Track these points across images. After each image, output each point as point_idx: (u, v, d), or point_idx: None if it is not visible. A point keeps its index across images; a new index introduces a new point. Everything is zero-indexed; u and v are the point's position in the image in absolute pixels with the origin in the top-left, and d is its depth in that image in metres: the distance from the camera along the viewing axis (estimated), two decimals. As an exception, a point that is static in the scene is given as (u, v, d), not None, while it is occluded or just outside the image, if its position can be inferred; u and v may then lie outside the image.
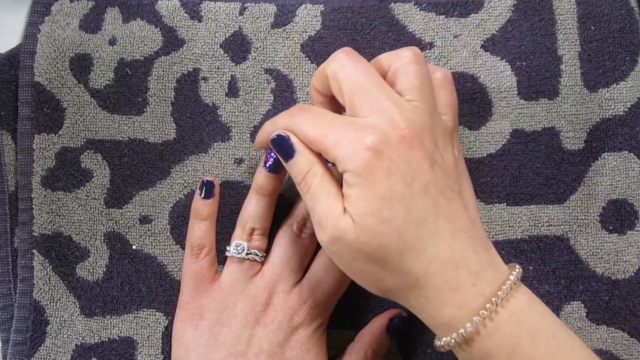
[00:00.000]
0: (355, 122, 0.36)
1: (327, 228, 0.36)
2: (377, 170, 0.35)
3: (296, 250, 0.43)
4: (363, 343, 0.43)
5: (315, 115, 0.38)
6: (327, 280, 0.43)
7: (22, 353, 0.44)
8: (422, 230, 0.35)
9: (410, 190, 0.35)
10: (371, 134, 0.35)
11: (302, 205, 0.44)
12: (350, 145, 0.35)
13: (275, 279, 0.43)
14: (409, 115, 0.35)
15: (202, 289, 0.43)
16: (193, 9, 0.46)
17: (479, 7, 0.46)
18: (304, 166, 0.38)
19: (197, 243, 0.44)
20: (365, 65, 0.37)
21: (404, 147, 0.35)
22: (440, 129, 0.37)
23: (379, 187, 0.35)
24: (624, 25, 0.45)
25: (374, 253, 0.35)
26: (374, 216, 0.35)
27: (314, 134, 0.37)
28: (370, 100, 0.36)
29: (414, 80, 0.37)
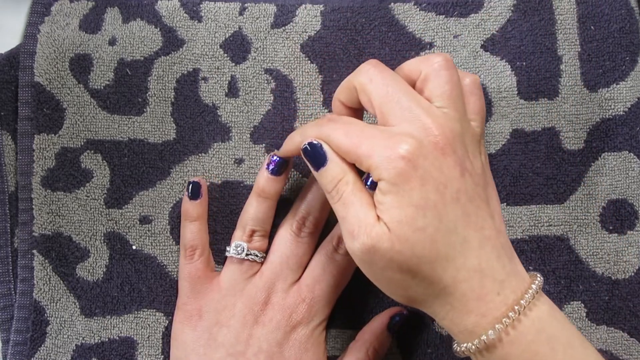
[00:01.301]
0: (387, 131, 0.36)
1: (360, 236, 0.36)
2: (411, 179, 0.35)
3: (295, 249, 0.43)
4: (364, 341, 0.43)
5: (346, 125, 0.38)
6: (326, 278, 0.43)
7: (22, 353, 0.44)
8: (452, 239, 0.35)
9: (443, 199, 0.35)
10: (405, 143, 0.35)
11: (301, 205, 0.44)
12: (384, 153, 0.35)
13: (273, 278, 0.43)
14: (440, 122, 0.36)
15: (199, 290, 0.43)
16: (193, 9, 0.46)
17: (479, 7, 0.46)
18: (335, 174, 0.38)
19: (189, 244, 0.44)
20: (393, 75, 0.37)
21: (437, 154, 0.35)
22: (469, 135, 0.37)
23: (414, 195, 0.35)
24: (624, 25, 0.45)
25: (407, 262, 0.35)
26: (408, 225, 0.35)
27: (347, 144, 0.37)
28: (401, 108, 0.36)
29: (444, 87, 0.37)
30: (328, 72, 0.46)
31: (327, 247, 0.43)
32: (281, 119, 0.46)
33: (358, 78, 0.38)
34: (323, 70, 0.46)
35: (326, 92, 0.46)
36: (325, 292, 0.43)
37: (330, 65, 0.46)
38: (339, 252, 0.43)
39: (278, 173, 0.43)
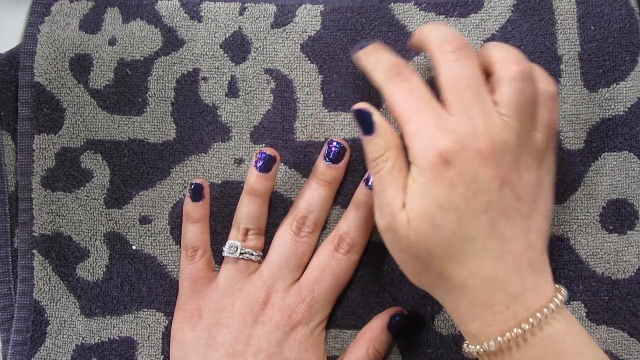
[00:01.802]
0: (440, 118, 0.36)
1: (385, 216, 0.37)
2: (441, 178, 0.35)
3: (295, 249, 0.43)
4: (365, 341, 0.43)
5: (410, 91, 0.37)
6: (325, 278, 0.43)
7: (22, 353, 0.44)
8: (469, 246, 0.35)
9: (468, 206, 0.35)
10: (448, 139, 0.35)
11: (301, 204, 0.44)
12: (425, 141, 0.35)
13: (273, 278, 0.43)
14: (493, 131, 0.35)
15: (199, 290, 0.43)
16: (193, 9, 0.46)
17: (479, 7, 0.46)
18: (378, 148, 0.38)
19: (191, 245, 0.44)
20: (472, 63, 0.37)
21: (477, 161, 0.35)
22: (528, 148, 0.37)
23: (439, 194, 0.35)
24: (624, 25, 0.45)
25: (420, 253, 0.36)
26: (426, 219, 0.35)
27: (399, 112, 0.37)
28: (463, 102, 0.36)
29: (514, 99, 0.36)
30: (328, 72, 0.46)
31: (327, 247, 0.43)
32: (281, 119, 0.46)
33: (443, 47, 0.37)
34: (323, 70, 0.46)
35: (326, 92, 0.46)
36: (326, 292, 0.43)
37: (330, 65, 0.46)
38: (340, 252, 0.43)
39: (266, 170, 0.43)
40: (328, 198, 0.44)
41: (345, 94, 0.46)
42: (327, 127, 0.46)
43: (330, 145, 0.44)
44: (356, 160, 0.45)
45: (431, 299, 0.44)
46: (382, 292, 0.44)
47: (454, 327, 0.44)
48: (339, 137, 0.45)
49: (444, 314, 0.44)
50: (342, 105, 0.46)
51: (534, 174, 0.37)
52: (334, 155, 0.44)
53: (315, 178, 0.44)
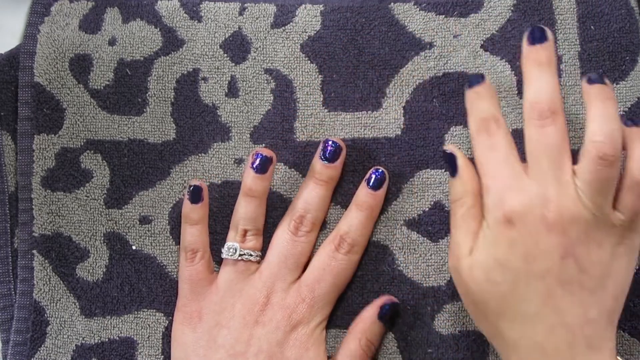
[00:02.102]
0: (515, 179, 0.37)
1: (453, 258, 0.40)
2: (502, 237, 0.37)
3: (293, 249, 0.43)
4: (356, 332, 0.43)
5: (493, 147, 0.39)
6: (326, 278, 0.43)
7: (22, 353, 0.44)
8: (522, 308, 0.36)
9: (526, 269, 0.36)
10: (516, 201, 0.36)
11: (299, 204, 0.44)
12: (497, 198, 0.37)
13: (272, 279, 0.43)
14: (564, 202, 0.36)
15: (199, 292, 0.43)
16: (193, 9, 0.46)
17: (479, 7, 0.46)
18: (457, 191, 0.40)
19: (190, 248, 0.44)
20: (557, 130, 0.37)
21: (541, 227, 0.36)
22: (602, 225, 0.37)
23: (499, 252, 0.37)
24: (624, 25, 0.45)
25: (477, 302, 0.38)
26: (485, 273, 0.37)
27: (480, 164, 0.39)
28: (540, 168, 0.37)
29: (589, 178, 0.36)
30: (328, 72, 0.46)
31: (328, 247, 0.43)
32: (281, 119, 0.46)
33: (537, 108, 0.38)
34: (323, 70, 0.46)
35: (326, 92, 0.46)
36: (326, 291, 0.43)
37: (330, 65, 0.46)
38: (341, 252, 0.43)
39: (262, 171, 0.43)
40: (325, 197, 0.44)
41: (345, 94, 0.46)
42: (327, 127, 0.46)
43: (326, 144, 0.44)
44: (356, 160, 0.45)
45: (431, 299, 0.44)
46: (382, 292, 0.44)
47: (454, 327, 0.44)
48: (338, 136, 0.45)
49: (444, 313, 0.44)
50: (342, 105, 0.46)
51: (606, 252, 0.37)
52: (330, 154, 0.44)
53: (312, 178, 0.44)
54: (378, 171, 0.44)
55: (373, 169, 0.44)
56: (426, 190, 0.45)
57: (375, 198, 0.44)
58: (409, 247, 0.44)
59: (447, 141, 0.45)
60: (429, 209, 0.45)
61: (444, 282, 0.44)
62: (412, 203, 0.45)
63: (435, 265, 0.44)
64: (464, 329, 0.44)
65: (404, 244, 0.44)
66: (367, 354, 0.43)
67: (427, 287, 0.44)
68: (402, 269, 0.44)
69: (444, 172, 0.45)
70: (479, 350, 0.43)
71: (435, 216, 0.44)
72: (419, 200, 0.45)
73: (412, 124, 0.45)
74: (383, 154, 0.45)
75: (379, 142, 0.45)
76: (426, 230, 0.44)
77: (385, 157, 0.45)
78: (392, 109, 0.45)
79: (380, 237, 0.45)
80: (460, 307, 0.44)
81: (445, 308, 0.44)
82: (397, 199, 0.45)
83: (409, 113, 0.45)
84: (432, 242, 0.44)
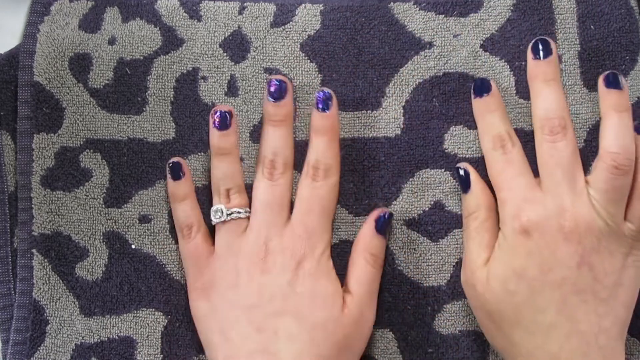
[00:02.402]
0: (531, 192, 0.39)
1: (466, 271, 0.41)
2: (520, 246, 0.38)
3: (273, 193, 0.43)
4: (359, 251, 0.43)
5: (509, 162, 0.41)
6: (313, 208, 0.43)
7: (22, 353, 0.44)
8: (538, 317, 0.37)
9: (543, 278, 0.37)
10: (533, 212, 0.38)
11: (266, 148, 0.44)
12: (513, 210, 0.39)
13: (263, 227, 0.43)
14: (579, 210, 0.37)
15: (203, 265, 0.43)
16: (192, 9, 0.46)
17: (479, 7, 0.46)
18: (470, 205, 0.42)
19: (185, 224, 0.44)
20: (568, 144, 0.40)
21: (558, 237, 0.37)
22: (614, 233, 0.38)
23: (515, 261, 0.38)
24: (624, 24, 0.45)
25: (492, 313, 0.39)
26: (501, 283, 0.38)
27: (496, 179, 0.41)
28: (553, 180, 0.39)
29: (603, 187, 0.38)
30: (327, 72, 0.46)
31: (305, 181, 0.44)
32: (281, 119, 0.46)
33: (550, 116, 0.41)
34: (322, 69, 0.46)
35: (326, 91, 0.46)
36: (318, 220, 0.43)
37: (330, 65, 0.46)
38: (318, 180, 0.43)
39: (225, 126, 0.43)
40: (287, 136, 0.44)
41: (344, 93, 0.46)
42: (327, 127, 0.46)
43: (270, 84, 0.44)
44: (356, 160, 0.45)
45: (431, 299, 0.44)
46: (382, 292, 0.44)
47: (454, 326, 0.44)
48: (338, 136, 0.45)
49: (444, 313, 0.44)
50: (342, 105, 0.46)
51: (618, 261, 0.38)
52: (277, 92, 0.44)
53: (269, 121, 0.44)
54: (322, 92, 0.44)
55: (317, 92, 0.44)
56: (426, 190, 0.45)
57: (329, 118, 0.44)
58: (409, 246, 0.44)
59: (447, 141, 0.45)
60: (429, 209, 0.45)
61: (444, 281, 0.44)
62: (412, 203, 0.45)
63: (436, 265, 0.44)
64: (465, 329, 0.44)
65: (404, 243, 0.44)
66: (375, 268, 0.43)
67: (427, 286, 0.44)
68: (402, 268, 0.44)
69: (443, 172, 0.45)
70: (479, 350, 0.43)
71: (435, 216, 0.44)
72: (418, 200, 0.45)
73: (412, 123, 0.45)
74: (383, 153, 0.45)
75: (378, 142, 0.45)
76: (426, 230, 0.44)
77: (385, 156, 0.45)
78: (391, 109, 0.45)
79: (379, 237, 0.45)
80: (460, 307, 0.44)
81: (445, 308, 0.44)
82: (397, 198, 0.45)
83: (408, 113, 0.45)
84: (432, 242, 0.44)
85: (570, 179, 0.39)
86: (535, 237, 0.37)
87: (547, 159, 0.40)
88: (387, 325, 0.44)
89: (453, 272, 0.44)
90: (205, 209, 0.45)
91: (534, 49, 0.43)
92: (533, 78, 0.43)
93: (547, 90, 0.42)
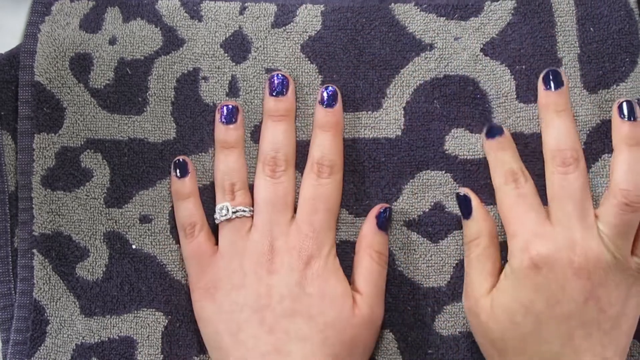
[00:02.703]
0: (541, 226, 0.39)
1: (469, 299, 0.41)
2: (528, 280, 0.38)
3: (276, 192, 0.43)
4: (363, 249, 0.43)
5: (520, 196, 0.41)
6: (318, 206, 0.43)
7: (22, 353, 0.44)
8: (543, 348, 0.37)
9: (550, 312, 0.37)
10: (542, 246, 0.38)
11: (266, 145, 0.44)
12: (522, 244, 0.39)
13: (268, 226, 0.42)
14: (589, 244, 0.37)
15: (206, 264, 0.43)
16: (193, 9, 0.46)
17: (479, 11, 0.46)
18: (472, 232, 0.42)
19: (187, 222, 0.44)
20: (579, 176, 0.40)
21: (568, 272, 0.37)
22: (621, 266, 0.38)
23: (523, 295, 0.38)
24: (624, 26, 0.45)
25: (495, 341, 0.39)
26: (508, 315, 0.38)
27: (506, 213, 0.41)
28: (565, 212, 0.39)
29: (612, 222, 0.38)
30: (328, 72, 0.46)
31: (310, 177, 0.43)
32: (281, 119, 0.46)
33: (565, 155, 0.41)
34: (323, 70, 0.46)
35: (326, 92, 0.46)
36: (324, 219, 0.43)
37: (330, 66, 0.46)
38: (323, 177, 0.43)
39: (232, 121, 0.44)
40: (289, 131, 0.44)
41: (345, 94, 0.46)
42: (327, 127, 0.46)
43: (271, 80, 0.44)
44: (356, 160, 0.45)
45: (431, 300, 0.44)
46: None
47: (454, 327, 0.44)
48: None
49: (444, 314, 0.44)
50: (342, 105, 0.45)
51: (622, 293, 0.38)
52: (278, 86, 0.44)
53: (269, 117, 0.44)
54: (328, 88, 0.44)
55: (322, 87, 0.45)
56: (426, 191, 0.45)
57: (334, 114, 0.44)
58: (409, 247, 0.45)
59: (448, 142, 0.45)
60: (429, 210, 0.45)
61: (444, 282, 0.44)
62: (412, 204, 0.45)
63: (436, 266, 0.44)
64: (465, 330, 0.44)
65: (404, 244, 0.45)
66: (381, 265, 0.43)
67: (427, 287, 0.44)
68: (402, 269, 0.44)
69: (444, 174, 0.45)
70: (479, 351, 0.43)
71: (435, 217, 0.45)
72: (419, 201, 0.45)
73: (413, 124, 0.45)
74: (383, 154, 0.45)
75: (379, 143, 0.45)
76: (426, 231, 0.45)
77: (385, 157, 0.45)
78: (392, 110, 0.45)
79: (380, 238, 0.45)
80: (460, 308, 0.44)
81: (445, 309, 0.44)
82: (397, 199, 0.45)
83: (409, 114, 0.45)
84: (432, 243, 0.44)
85: (580, 212, 0.39)
86: (544, 272, 0.37)
87: (558, 191, 0.40)
88: (387, 326, 0.44)
89: (453, 273, 0.44)
90: (206, 209, 0.45)
91: (545, 80, 0.43)
92: (544, 108, 0.43)
93: (558, 121, 0.42)
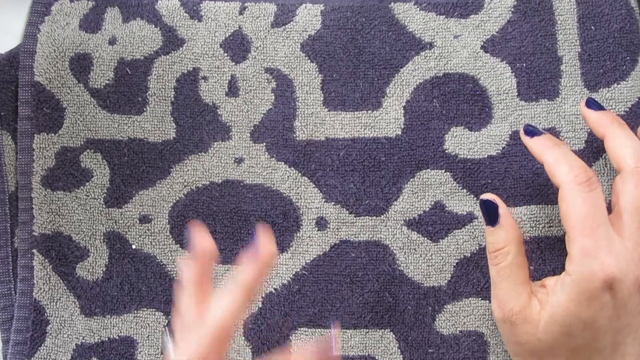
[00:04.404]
0: (612, 242, 0.36)
1: (503, 309, 0.38)
2: (595, 299, 0.36)
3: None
4: None
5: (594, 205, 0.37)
6: None
7: (23, 353, 0.44)
8: (594, 357, 0.37)
9: (609, 325, 0.36)
10: (616, 267, 0.36)
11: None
12: (593, 261, 0.36)
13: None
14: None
15: None
16: (193, 9, 0.46)
17: (479, 8, 0.46)
18: (500, 240, 0.39)
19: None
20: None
21: (633, 288, 0.36)
22: None
23: (585, 312, 0.36)
24: (624, 25, 0.45)
25: (538, 351, 0.37)
26: (562, 328, 0.36)
27: (577, 222, 0.37)
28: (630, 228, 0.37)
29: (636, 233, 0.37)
30: (328, 72, 0.46)
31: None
32: (281, 118, 0.46)
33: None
34: (323, 69, 0.46)
35: (326, 91, 0.46)
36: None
37: (330, 65, 0.46)
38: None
39: None
40: None
41: (345, 93, 0.46)
42: (327, 126, 0.46)
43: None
44: (356, 160, 0.45)
45: (432, 299, 0.44)
46: (382, 292, 0.45)
47: (455, 327, 0.44)
48: (338, 136, 0.45)
49: (445, 314, 0.44)
50: (342, 105, 0.46)
51: None
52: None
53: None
54: None
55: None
56: (426, 191, 0.45)
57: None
58: (409, 247, 0.44)
59: (448, 141, 0.45)
60: (430, 209, 0.45)
61: (445, 282, 0.44)
62: (413, 203, 0.45)
63: (436, 265, 0.44)
64: (465, 329, 0.44)
65: (405, 244, 0.45)
66: None
67: (427, 287, 0.44)
68: (403, 269, 0.44)
69: (444, 173, 0.45)
70: (479, 350, 0.43)
71: (435, 216, 0.44)
72: (419, 200, 0.45)
73: (413, 123, 0.45)
74: (383, 153, 0.45)
75: (379, 142, 0.45)
76: (426, 230, 0.44)
77: (385, 157, 0.45)
78: (392, 109, 0.45)
79: (380, 237, 0.45)
80: (460, 307, 0.44)
81: (446, 308, 0.44)
82: (398, 199, 0.45)
83: (409, 113, 0.45)
84: (433, 242, 0.44)
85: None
86: (613, 292, 0.36)
87: (633, 202, 0.37)
88: (388, 326, 0.44)
89: (453, 272, 0.44)
90: (206, 209, 0.45)
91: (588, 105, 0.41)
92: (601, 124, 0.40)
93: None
